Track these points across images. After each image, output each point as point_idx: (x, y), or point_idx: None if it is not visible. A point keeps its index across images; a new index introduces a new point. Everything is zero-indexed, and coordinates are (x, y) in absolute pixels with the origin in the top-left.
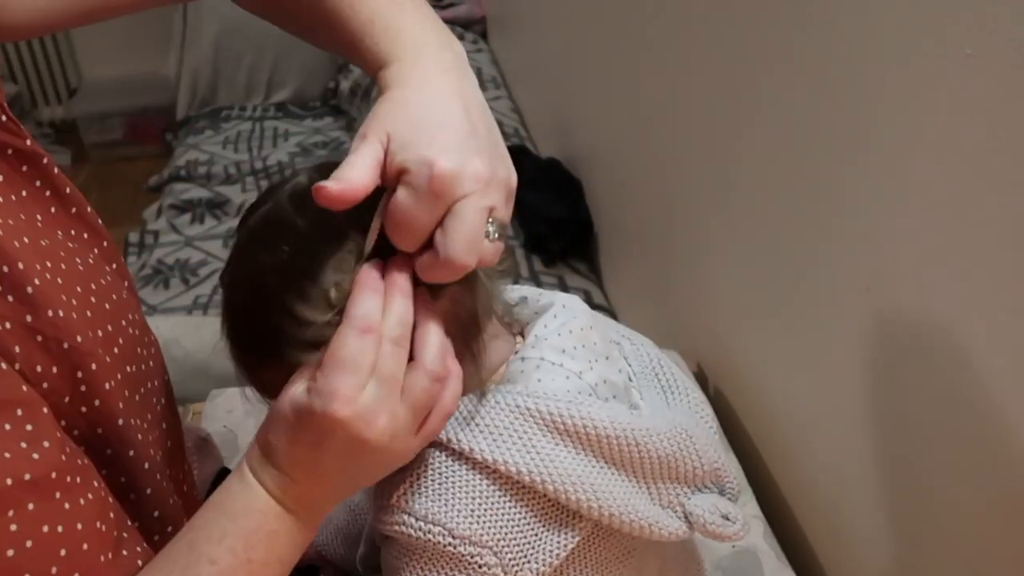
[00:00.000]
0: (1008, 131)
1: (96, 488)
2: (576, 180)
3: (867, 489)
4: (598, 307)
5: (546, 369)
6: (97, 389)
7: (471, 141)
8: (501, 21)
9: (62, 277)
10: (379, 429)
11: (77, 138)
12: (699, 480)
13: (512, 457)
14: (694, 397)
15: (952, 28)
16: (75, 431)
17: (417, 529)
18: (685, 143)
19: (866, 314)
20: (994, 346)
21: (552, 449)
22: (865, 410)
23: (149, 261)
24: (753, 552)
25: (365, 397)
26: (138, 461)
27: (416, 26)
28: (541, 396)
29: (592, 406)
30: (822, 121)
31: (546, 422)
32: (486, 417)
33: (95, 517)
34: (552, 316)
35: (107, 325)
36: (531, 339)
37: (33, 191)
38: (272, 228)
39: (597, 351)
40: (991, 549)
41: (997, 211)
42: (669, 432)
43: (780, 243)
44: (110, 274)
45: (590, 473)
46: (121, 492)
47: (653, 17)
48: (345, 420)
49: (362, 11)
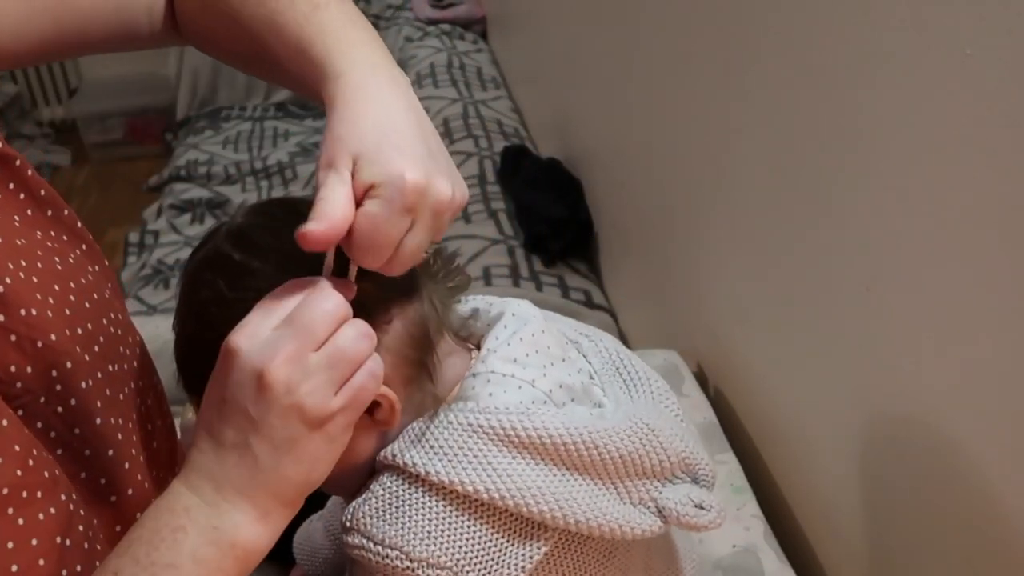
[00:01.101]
0: (1008, 131)
1: (62, 502)
2: (576, 180)
3: (867, 489)
4: (598, 307)
5: (496, 382)
6: (73, 388)
7: (428, 153)
8: (501, 21)
9: (38, 276)
10: (276, 366)
11: (77, 138)
12: (668, 472)
13: (468, 476)
14: (657, 386)
15: (952, 28)
16: (52, 432)
17: (376, 553)
18: (685, 143)
19: (866, 314)
20: (994, 346)
21: (509, 463)
22: (865, 410)
23: (149, 261)
24: (753, 552)
25: (268, 336)
26: (117, 461)
27: (366, 42)
28: (492, 411)
29: (545, 415)
30: (822, 121)
31: (500, 437)
32: (439, 438)
33: (57, 531)
34: (503, 327)
35: (87, 323)
36: (482, 353)
37: (7, 193)
38: (210, 266)
39: (551, 355)
40: (991, 548)
41: (997, 211)
42: (629, 429)
43: (780, 243)
44: (92, 274)
45: (550, 482)
46: (102, 494)
47: (653, 17)
48: (238, 349)
49: (311, 23)
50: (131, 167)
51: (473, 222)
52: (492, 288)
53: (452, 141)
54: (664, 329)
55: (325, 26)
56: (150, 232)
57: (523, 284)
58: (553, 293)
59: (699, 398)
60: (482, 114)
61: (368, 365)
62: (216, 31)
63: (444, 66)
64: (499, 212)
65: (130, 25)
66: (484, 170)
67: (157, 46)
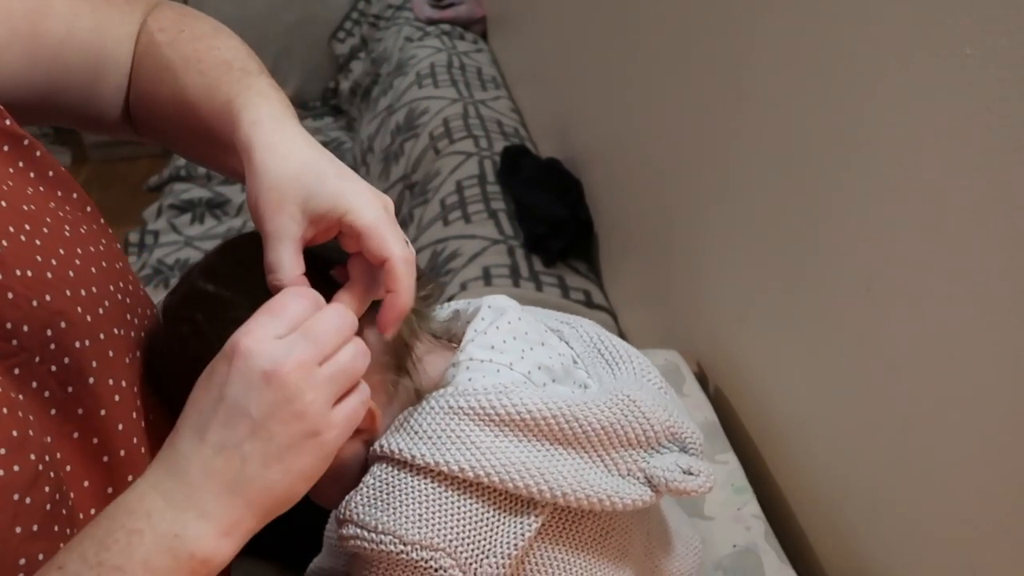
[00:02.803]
0: (1008, 131)
1: (30, 462)
2: (576, 180)
3: (867, 489)
4: (598, 307)
5: (475, 368)
6: (67, 347)
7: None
8: (501, 21)
9: (42, 239)
10: (288, 371)
11: (77, 138)
12: (654, 441)
13: (453, 456)
14: (639, 363)
15: (952, 28)
16: (46, 392)
17: (369, 540)
18: (685, 143)
19: (866, 314)
20: (994, 345)
21: (492, 441)
22: (865, 410)
23: (149, 261)
24: (754, 552)
25: (279, 341)
26: (110, 422)
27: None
28: (471, 393)
29: (524, 392)
30: (821, 121)
31: (480, 416)
32: (422, 423)
33: (16, 489)
34: (480, 319)
35: (91, 287)
36: (462, 344)
37: (18, 170)
38: (187, 303)
39: (529, 340)
40: (991, 548)
41: (998, 211)
42: (609, 401)
43: (780, 243)
44: (103, 247)
45: (535, 457)
46: (94, 453)
47: (653, 17)
48: (248, 350)
49: (241, 82)
50: (131, 167)
51: (473, 222)
52: (492, 288)
53: (452, 141)
54: (664, 329)
55: (255, 88)
56: (150, 232)
57: (523, 284)
58: (553, 293)
59: (699, 398)
60: (482, 114)
61: (362, 386)
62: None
63: (444, 66)
64: (499, 212)
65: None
66: (484, 170)
67: (113, 130)
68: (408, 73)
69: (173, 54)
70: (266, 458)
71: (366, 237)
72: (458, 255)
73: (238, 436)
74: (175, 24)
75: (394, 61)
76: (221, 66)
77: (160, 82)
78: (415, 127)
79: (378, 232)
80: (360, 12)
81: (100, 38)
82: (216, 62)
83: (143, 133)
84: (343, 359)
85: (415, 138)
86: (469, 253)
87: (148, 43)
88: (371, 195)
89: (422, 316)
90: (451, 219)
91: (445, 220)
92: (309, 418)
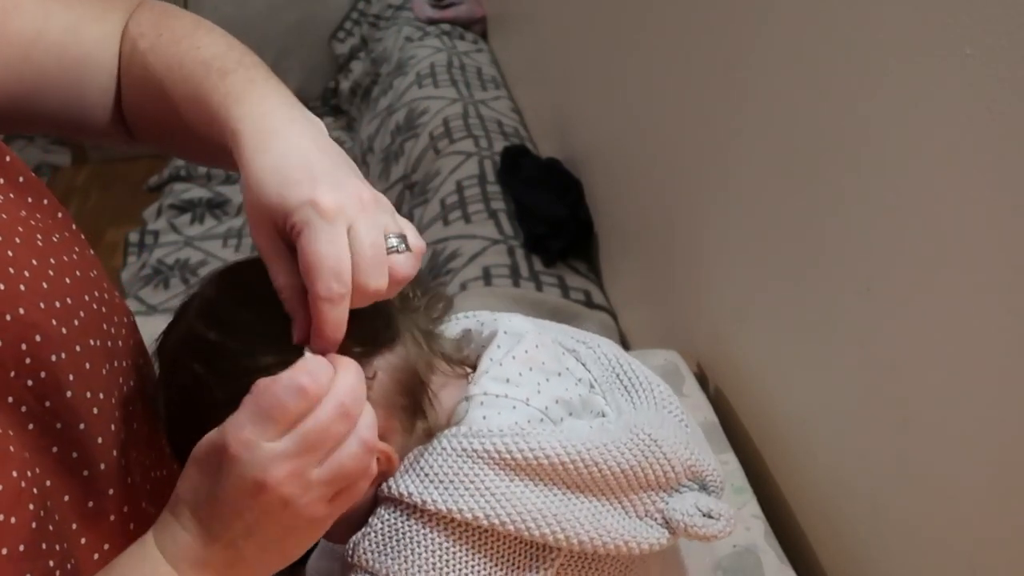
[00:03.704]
0: (1008, 131)
1: (12, 479)
2: (576, 180)
3: (867, 489)
4: (598, 307)
5: (490, 404)
6: (42, 361)
7: (337, 171)
8: (501, 21)
9: (14, 250)
10: (279, 482)
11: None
12: (674, 482)
13: (466, 503)
14: (660, 392)
15: (952, 28)
16: (23, 407)
17: None
18: (685, 143)
19: (866, 314)
20: (995, 345)
21: (506, 487)
22: (865, 410)
23: (149, 261)
24: (754, 552)
25: (271, 446)
26: (90, 435)
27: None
28: (486, 434)
29: (541, 434)
30: (821, 121)
31: (495, 460)
32: (434, 465)
33: (2, 509)
34: (496, 347)
35: (66, 298)
36: (475, 375)
37: None
38: (186, 347)
39: (547, 370)
40: (991, 548)
41: (998, 211)
42: (629, 441)
43: (780, 243)
44: (76, 255)
45: (551, 503)
46: (74, 468)
47: (653, 17)
48: (237, 458)
49: (218, 91)
50: (131, 167)
51: (473, 222)
52: (492, 288)
53: (452, 141)
54: (664, 329)
55: (231, 93)
56: (150, 232)
57: (523, 284)
58: (553, 293)
59: (699, 398)
60: (482, 114)
61: (361, 488)
62: (148, 111)
63: (444, 66)
64: (499, 212)
65: (86, 100)
66: (484, 170)
67: (105, 136)
68: (408, 73)
69: (156, 62)
70: (263, 548)
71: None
72: (458, 255)
73: (233, 533)
74: (154, 28)
75: (394, 61)
76: (200, 69)
77: (147, 93)
78: (415, 127)
79: (304, 258)
80: (360, 12)
81: (76, 37)
82: (195, 64)
83: (143, 140)
84: (344, 459)
85: (415, 138)
86: (469, 253)
87: (131, 51)
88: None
89: (432, 337)
90: (451, 219)
91: (445, 220)
92: (305, 516)
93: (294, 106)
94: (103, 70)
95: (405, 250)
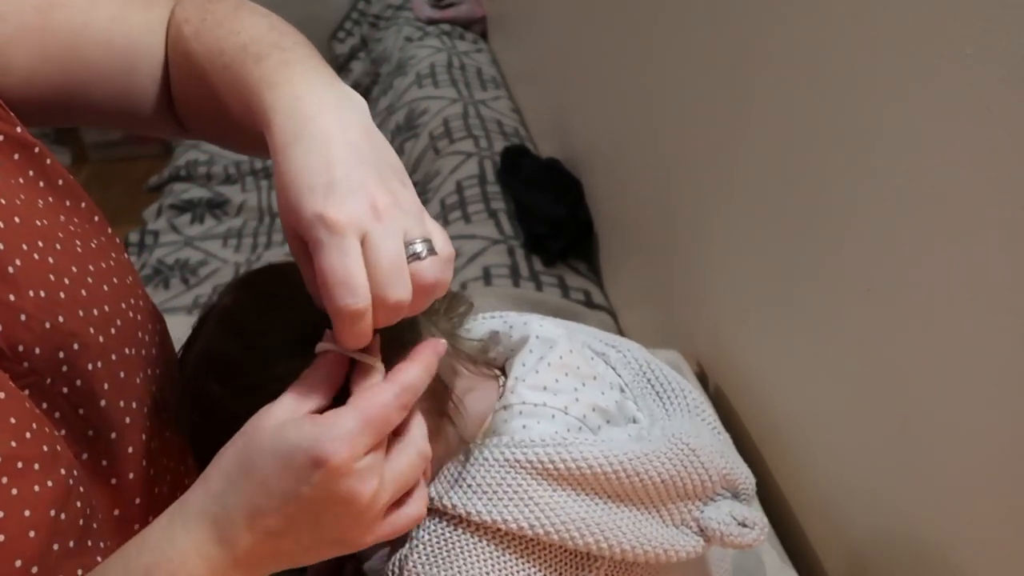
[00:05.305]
0: (1008, 131)
1: (61, 476)
2: (576, 180)
3: (867, 489)
4: (598, 307)
5: (529, 413)
6: (79, 369)
7: (358, 171)
8: (501, 21)
9: (54, 256)
10: (367, 499)
11: (77, 138)
12: (710, 491)
13: (511, 513)
14: (692, 398)
15: (952, 28)
16: (56, 413)
17: None
18: (686, 143)
19: (867, 315)
20: (995, 346)
21: (551, 497)
22: (865, 410)
23: (149, 261)
24: (755, 552)
25: (369, 467)
26: (120, 445)
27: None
28: (528, 444)
29: (583, 444)
30: (821, 121)
31: (538, 470)
32: (476, 476)
33: (52, 505)
34: (528, 352)
35: (103, 306)
36: (510, 383)
37: (28, 180)
38: (208, 365)
39: (582, 375)
40: (991, 549)
41: (998, 211)
42: (670, 451)
43: (780, 243)
44: (114, 261)
45: (594, 512)
46: (103, 476)
47: (654, 16)
48: (341, 467)
49: (253, 77)
50: (131, 167)
51: (473, 222)
52: (492, 288)
53: (452, 141)
54: (665, 329)
55: (264, 78)
56: (150, 232)
57: (523, 284)
58: (553, 293)
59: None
60: (482, 114)
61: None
62: (196, 100)
63: (444, 66)
64: (499, 212)
65: (135, 90)
66: (484, 170)
67: (155, 127)
68: (408, 73)
69: (199, 48)
70: (316, 544)
71: None
72: (458, 255)
73: (296, 530)
74: (198, 12)
75: (394, 61)
76: (239, 55)
77: (193, 81)
78: (415, 127)
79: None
80: (360, 12)
81: (122, 26)
82: (235, 50)
83: (194, 131)
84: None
85: (415, 138)
86: (469, 253)
87: (177, 38)
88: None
89: (456, 339)
90: (451, 219)
91: (445, 220)
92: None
93: (328, 87)
94: (151, 59)
95: (428, 255)
